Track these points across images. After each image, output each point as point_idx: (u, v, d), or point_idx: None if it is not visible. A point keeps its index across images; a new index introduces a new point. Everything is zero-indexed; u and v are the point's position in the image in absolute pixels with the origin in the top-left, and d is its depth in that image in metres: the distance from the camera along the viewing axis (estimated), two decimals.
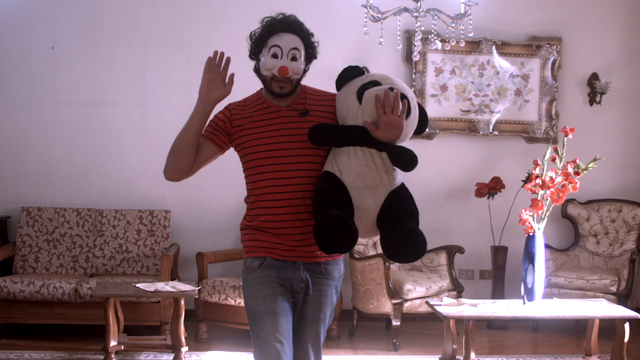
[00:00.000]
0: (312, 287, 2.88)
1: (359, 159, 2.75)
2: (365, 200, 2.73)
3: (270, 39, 2.87)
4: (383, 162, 2.77)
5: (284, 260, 2.85)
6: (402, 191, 2.79)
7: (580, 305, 5.20)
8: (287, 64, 2.83)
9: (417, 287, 5.84)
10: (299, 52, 2.86)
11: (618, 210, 6.64)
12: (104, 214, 6.27)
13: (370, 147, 2.76)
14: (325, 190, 2.73)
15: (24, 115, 6.44)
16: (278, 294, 2.83)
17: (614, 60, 6.84)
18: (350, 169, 2.74)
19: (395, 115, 2.74)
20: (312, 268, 2.88)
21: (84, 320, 5.70)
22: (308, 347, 2.92)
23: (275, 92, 2.86)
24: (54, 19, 6.45)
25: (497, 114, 6.69)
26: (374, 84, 2.80)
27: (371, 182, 2.74)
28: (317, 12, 6.60)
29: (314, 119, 2.86)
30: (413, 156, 2.79)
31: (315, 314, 2.90)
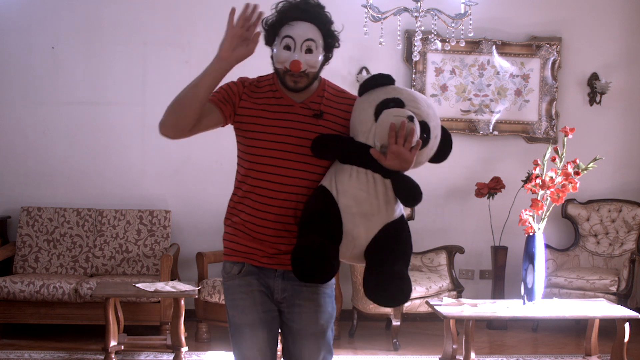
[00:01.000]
0: (299, 296, 2.65)
1: (360, 182, 2.52)
2: (357, 228, 2.52)
3: (282, 28, 2.57)
4: (385, 190, 2.54)
5: (262, 267, 2.64)
6: (398, 225, 2.58)
7: (580, 305, 5.20)
8: (301, 57, 2.54)
9: (417, 287, 5.84)
10: (315, 43, 2.55)
11: (618, 210, 6.64)
12: (104, 214, 6.27)
13: (375, 172, 2.53)
14: (315, 211, 2.52)
15: (24, 115, 6.44)
16: (259, 304, 2.64)
17: (614, 60, 6.84)
18: (348, 191, 2.52)
19: (407, 149, 2.48)
20: (293, 276, 2.54)
21: (84, 320, 5.70)
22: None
23: (289, 86, 2.60)
24: (54, 19, 6.45)
25: (497, 114, 6.69)
26: (396, 102, 2.54)
27: (367, 210, 2.52)
28: None
29: (328, 123, 2.63)
30: (417, 192, 2.56)
31: (308, 328, 2.66)
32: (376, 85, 2.63)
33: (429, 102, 2.67)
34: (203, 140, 6.69)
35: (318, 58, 2.58)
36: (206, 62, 2.87)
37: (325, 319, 2.68)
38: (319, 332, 2.67)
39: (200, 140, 6.65)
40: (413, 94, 2.61)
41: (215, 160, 6.48)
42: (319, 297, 2.67)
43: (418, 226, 6.59)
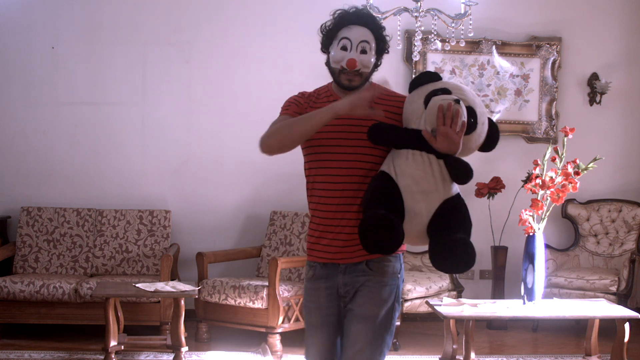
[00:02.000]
0: (358, 285, 2.80)
1: (417, 163, 2.69)
2: (418, 205, 2.68)
3: (340, 31, 2.80)
4: (440, 169, 2.72)
5: (330, 263, 2.82)
6: (456, 201, 2.77)
7: (580, 305, 5.20)
8: (356, 56, 2.77)
9: (417, 287, 5.84)
10: (369, 44, 2.80)
11: (618, 210, 6.64)
12: (104, 214, 6.27)
13: (430, 153, 2.70)
14: (377, 189, 2.69)
15: (24, 115, 6.44)
16: (323, 307, 2.86)
17: (614, 60, 6.84)
18: (406, 172, 2.68)
19: (453, 130, 2.66)
20: (355, 268, 2.80)
21: (84, 320, 5.70)
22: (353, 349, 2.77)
23: (344, 84, 2.82)
24: (54, 19, 6.45)
25: (497, 114, 6.69)
26: (444, 91, 2.74)
27: (426, 188, 2.69)
28: (317, 12, 6.58)
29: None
30: (467, 170, 2.76)
31: (362, 310, 2.78)
32: (424, 82, 2.83)
33: (475, 94, 2.84)
34: (203, 140, 6.73)
35: (371, 59, 2.82)
36: (206, 62, 2.92)
37: (379, 305, 2.79)
38: (370, 315, 2.78)
39: (200, 140, 6.68)
40: (459, 85, 2.82)
41: (215, 160, 6.48)
42: (376, 285, 2.80)
43: None
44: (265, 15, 6.50)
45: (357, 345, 2.76)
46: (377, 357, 2.78)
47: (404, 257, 3.06)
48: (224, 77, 6.48)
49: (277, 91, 3.22)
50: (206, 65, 6.48)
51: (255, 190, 6.45)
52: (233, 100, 6.45)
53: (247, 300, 5.48)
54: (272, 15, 6.52)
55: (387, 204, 2.65)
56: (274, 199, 6.48)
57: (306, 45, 6.54)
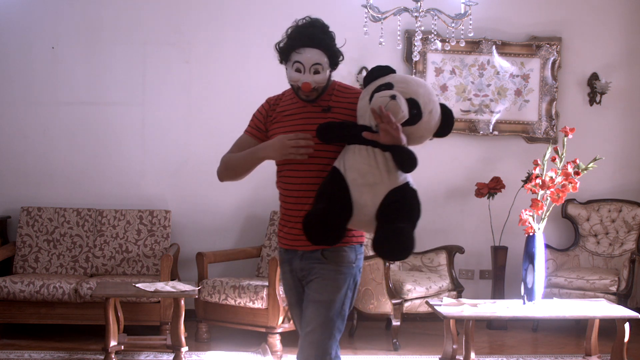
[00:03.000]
0: (313, 272, 3.01)
1: (362, 157, 2.84)
2: (364, 197, 2.81)
3: (292, 54, 2.98)
4: (386, 161, 2.83)
5: (290, 249, 3.07)
6: (403, 190, 2.85)
7: (580, 305, 5.20)
8: (310, 79, 2.95)
9: (417, 287, 5.84)
10: (322, 65, 2.97)
11: (618, 210, 6.64)
12: (104, 214, 6.28)
13: (375, 147, 2.83)
14: (326, 185, 2.87)
15: (24, 115, 6.44)
16: (292, 287, 3.14)
17: (614, 60, 6.85)
18: (353, 166, 2.84)
19: (390, 126, 2.79)
20: (311, 255, 3.01)
21: (84, 320, 5.70)
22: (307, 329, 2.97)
23: (302, 99, 3.03)
24: (54, 19, 6.45)
25: (497, 114, 6.69)
26: (387, 86, 2.87)
27: (371, 180, 2.82)
28: (317, 12, 6.57)
29: (336, 115, 2.99)
30: (411, 158, 2.84)
31: (316, 296, 2.99)
32: (376, 77, 2.98)
33: (423, 83, 2.98)
34: (203, 140, 6.73)
35: (325, 76, 3.00)
36: (206, 62, 3.03)
37: (333, 292, 2.99)
38: (324, 300, 2.97)
39: (200, 141, 6.68)
40: (405, 77, 2.99)
41: (215, 160, 6.41)
42: (330, 272, 3.00)
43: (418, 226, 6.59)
44: (265, 16, 6.49)
45: (310, 326, 2.97)
46: (327, 339, 2.96)
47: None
48: (224, 77, 6.48)
49: (277, 91, 3.23)
50: (206, 65, 6.48)
51: (255, 190, 6.45)
52: (233, 100, 6.45)
53: (247, 300, 5.48)
54: (272, 15, 6.51)
55: (332, 198, 2.82)
56: (274, 199, 6.44)
57: None
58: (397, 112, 2.81)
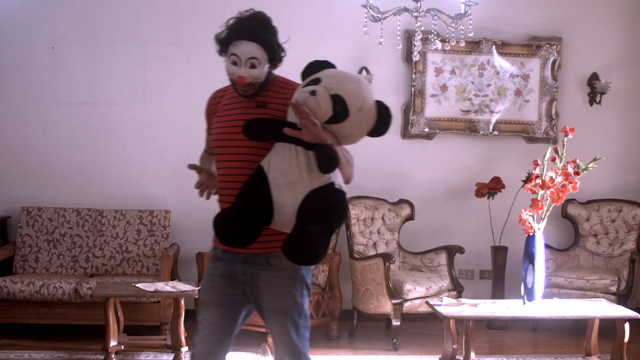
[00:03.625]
0: (258, 278, 2.90)
1: (285, 156, 2.72)
2: (283, 197, 2.68)
3: (229, 46, 2.90)
4: (308, 160, 2.70)
5: (230, 250, 2.92)
6: (324, 192, 2.69)
7: (580, 305, 5.20)
8: (246, 72, 2.86)
9: (417, 287, 5.84)
10: (258, 60, 2.87)
11: (618, 210, 6.64)
12: (104, 214, 6.28)
13: (298, 145, 2.71)
14: (246, 184, 2.74)
15: (24, 115, 6.45)
16: (218, 287, 2.97)
17: (614, 60, 6.84)
18: (275, 165, 2.72)
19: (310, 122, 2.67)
20: (255, 260, 2.89)
21: (84, 320, 5.70)
22: (278, 341, 2.97)
23: (240, 93, 2.94)
24: (54, 19, 6.45)
25: (497, 114, 6.69)
26: (315, 81, 2.76)
27: (291, 180, 2.69)
28: (317, 12, 6.60)
29: (270, 111, 2.89)
30: (332, 158, 2.69)
31: (271, 304, 2.93)
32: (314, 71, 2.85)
33: (356, 79, 2.82)
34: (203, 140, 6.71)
35: (262, 71, 2.89)
36: (206, 61, 3.06)
37: (286, 297, 2.91)
38: (280, 307, 2.92)
39: (200, 141, 6.66)
40: (335, 72, 2.82)
41: None
42: (277, 279, 2.90)
43: (418, 226, 6.60)
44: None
45: (280, 337, 2.94)
46: (303, 343, 2.94)
47: None
48: (224, 77, 6.46)
49: None
50: (206, 65, 6.48)
51: None
52: None
53: None
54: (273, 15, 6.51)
55: (250, 198, 2.69)
56: None
57: (306, 45, 6.55)
58: (315, 108, 2.69)
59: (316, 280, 5.91)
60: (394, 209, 6.46)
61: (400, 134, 6.69)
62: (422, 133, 6.66)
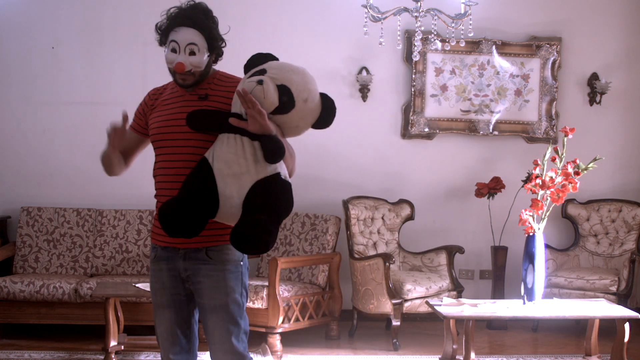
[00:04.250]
0: (200, 274, 2.87)
1: (230, 147, 2.71)
2: (229, 188, 2.68)
3: (170, 33, 2.88)
4: (254, 150, 2.71)
5: (169, 247, 2.89)
6: (270, 182, 2.71)
7: (580, 305, 5.20)
8: (185, 59, 2.84)
9: (417, 287, 5.84)
10: (197, 46, 2.85)
11: (618, 210, 6.64)
12: (104, 214, 6.28)
13: (244, 135, 2.71)
14: (189, 176, 2.72)
15: (24, 115, 6.45)
16: (167, 287, 2.94)
17: (614, 60, 6.84)
18: (220, 156, 2.71)
19: (256, 111, 2.68)
20: (195, 255, 2.87)
21: (84, 320, 5.70)
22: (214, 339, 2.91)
23: (179, 83, 2.93)
24: (54, 19, 6.45)
25: (497, 114, 6.69)
26: (260, 72, 2.77)
27: (237, 170, 2.69)
28: (317, 12, 6.60)
29: (213, 103, 2.88)
30: (278, 148, 2.70)
31: (211, 302, 2.88)
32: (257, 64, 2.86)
33: (300, 71, 2.83)
34: None
35: (202, 59, 2.87)
36: None
37: (227, 293, 2.87)
38: (219, 305, 2.87)
39: None
40: (282, 64, 2.83)
41: None
42: (219, 273, 2.87)
43: (418, 226, 6.60)
44: (265, 16, 6.50)
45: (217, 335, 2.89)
46: (239, 343, 2.91)
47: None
48: None
49: None
50: None
51: None
52: None
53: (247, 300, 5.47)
54: (273, 16, 6.52)
55: (194, 189, 2.67)
56: None
57: (307, 46, 6.55)
58: (261, 97, 2.70)
59: (316, 280, 5.91)
60: (394, 209, 6.46)
61: (400, 134, 6.69)
62: (422, 133, 6.67)
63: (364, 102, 6.56)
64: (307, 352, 5.57)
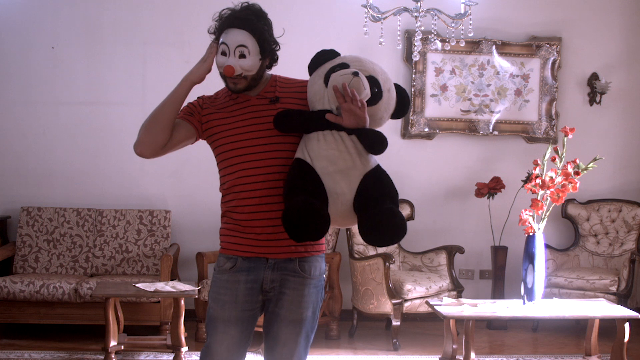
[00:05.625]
0: (286, 285, 2.75)
1: (329, 143, 2.63)
2: (339, 185, 2.61)
3: (221, 36, 2.74)
4: (354, 144, 2.64)
5: (255, 257, 2.75)
6: (377, 173, 2.67)
7: (580, 305, 5.20)
8: (234, 62, 2.69)
9: (417, 287, 5.84)
10: (247, 48, 2.70)
11: (618, 210, 6.64)
12: (104, 214, 6.28)
13: (340, 130, 2.64)
14: (295, 178, 2.62)
15: (24, 115, 6.44)
16: (241, 302, 2.77)
17: (614, 60, 6.85)
18: (320, 154, 2.62)
19: (355, 105, 2.60)
20: (286, 265, 2.75)
21: (84, 320, 5.70)
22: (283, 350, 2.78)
23: (230, 88, 2.77)
24: (54, 19, 6.45)
25: (497, 114, 6.69)
26: (342, 66, 2.69)
27: (343, 166, 2.62)
28: (317, 12, 6.60)
29: (285, 105, 2.76)
30: (381, 138, 2.66)
31: (290, 315, 2.76)
32: (323, 61, 2.78)
33: (376, 62, 2.79)
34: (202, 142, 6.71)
35: (253, 62, 2.72)
36: None
37: (308, 307, 2.79)
38: (300, 319, 2.78)
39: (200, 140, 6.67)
40: (357, 56, 2.77)
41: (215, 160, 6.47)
42: (305, 287, 2.78)
43: (418, 226, 6.60)
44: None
45: (288, 346, 2.77)
46: (305, 355, 2.83)
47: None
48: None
49: None
50: None
51: None
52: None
53: None
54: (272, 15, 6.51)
55: (306, 190, 2.57)
56: None
57: (307, 46, 6.54)
58: (360, 89, 2.63)
59: None
60: None
61: (400, 134, 6.69)
62: (422, 133, 6.67)
63: None
64: None
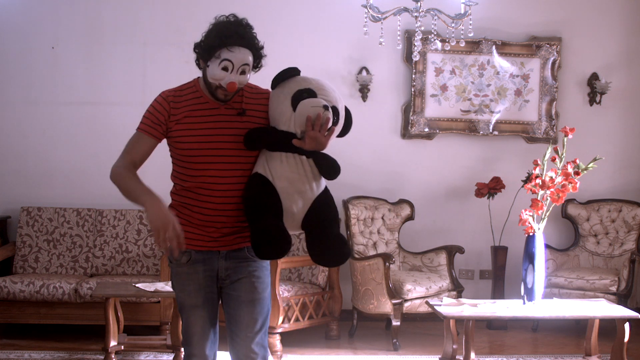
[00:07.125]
0: (239, 271, 3.02)
1: (291, 166, 2.91)
2: (296, 204, 2.91)
3: (222, 50, 2.88)
4: (311, 169, 2.93)
5: (208, 251, 3.01)
6: (326, 197, 2.98)
7: (580, 305, 5.20)
8: (236, 78, 2.89)
9: (417, 287, 5.84)
10: (249, 66, 2.92)
11: (618, 210, 6.64)
12: (104, 214, 6.28)
13: (301, 155, 2.91)
14: (260, 195, 2.89)
15: (24, 115, 6.45)
16: (202, 288, 3.03)
17: (614, 60, 6.84)
18: (283, 175, 2.90)
19: (322, 134, 2.86)
20: (236, 255, 3.02)
21: (84, 320, 5.70)
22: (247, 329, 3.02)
23: (219, 98, 2.95)
24: (54, 19, 6.45)
25: (497, 114, 6.69)
26: (309, 92, 2.90)
27: (301, 188, 2.91)
28: (317, 12, 6.60)
29: (251, 118, 2.97)
30: (335, 166, 2.96)
31: (247, 295, 3.01)
32: (286, 78, 2.98)
33: (333, 87, 3.03)
34: None
35: (248, 77, 2.96)
36: None
37: (263, 288, 3.05)
38: (257, 299, 3.03)
39: None
40: (320, 83, 2.99)
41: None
42: (257, 270, 3.05)
43: (418, 226, 6.60)
44: (267, 16, 6.50)
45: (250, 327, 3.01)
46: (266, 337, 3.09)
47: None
48: None
49: None
50: None
51: None
52: None
53: None
54: (272, 15, 6.52)
55: (271, 211, 2.88)
56: None
57: (307, 46, 6.55)
58: (328, 122, 2.88)
59: (316, 280, 5.91)
60: (394, 209, 6.46)
61: (400, 134, 6.69)
62: (422, 133, 6.67)
63: (364, 102, 6.56)
64: (307, 352, 5.57)
